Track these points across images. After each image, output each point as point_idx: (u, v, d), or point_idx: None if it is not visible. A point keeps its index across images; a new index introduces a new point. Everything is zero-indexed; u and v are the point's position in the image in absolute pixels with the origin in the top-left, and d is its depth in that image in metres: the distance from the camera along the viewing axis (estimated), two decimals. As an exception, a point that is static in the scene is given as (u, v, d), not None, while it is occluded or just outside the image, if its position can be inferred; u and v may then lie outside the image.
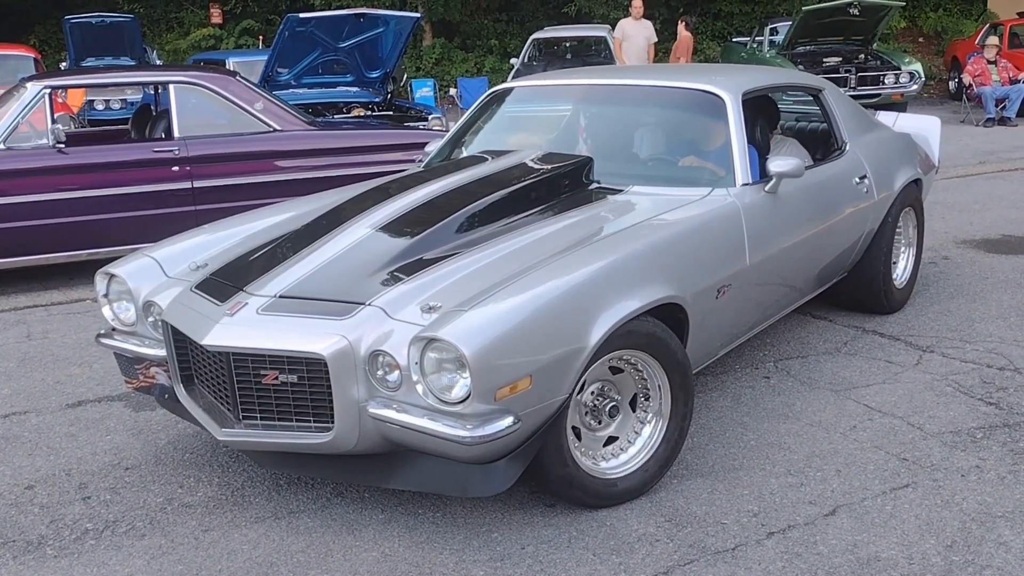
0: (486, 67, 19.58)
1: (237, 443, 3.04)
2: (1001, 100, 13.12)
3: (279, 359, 2.86)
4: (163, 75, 6.72)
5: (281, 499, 3.28)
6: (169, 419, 4.00)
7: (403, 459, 2.95)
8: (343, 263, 3.16)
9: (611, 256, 3.13)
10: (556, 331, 2.81)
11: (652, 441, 3.21)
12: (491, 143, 4.54)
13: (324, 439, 2.87)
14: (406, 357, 2.72)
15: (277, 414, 2.93)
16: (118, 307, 3.57)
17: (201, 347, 3.01)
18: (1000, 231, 6.94)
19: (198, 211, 6.21)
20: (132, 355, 3.51)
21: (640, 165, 4.23)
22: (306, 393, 2.87)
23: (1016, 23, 16.01)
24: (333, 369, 2.77)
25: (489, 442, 2.66)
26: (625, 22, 13.24)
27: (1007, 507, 3.06)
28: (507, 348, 2.67)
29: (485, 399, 2.64)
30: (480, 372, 2.60)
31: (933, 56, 19.30)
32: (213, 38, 20.16)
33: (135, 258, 3.62)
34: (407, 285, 2.98)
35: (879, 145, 4.99)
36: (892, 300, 5.01)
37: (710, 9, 20.75)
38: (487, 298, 2.78)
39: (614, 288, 3.00)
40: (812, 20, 13.84)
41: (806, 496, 3.18)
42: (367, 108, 9.86)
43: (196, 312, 3.11)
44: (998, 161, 10.16)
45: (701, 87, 4.17)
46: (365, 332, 2.81)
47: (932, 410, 3.82)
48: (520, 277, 2.92)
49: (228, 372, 2.92)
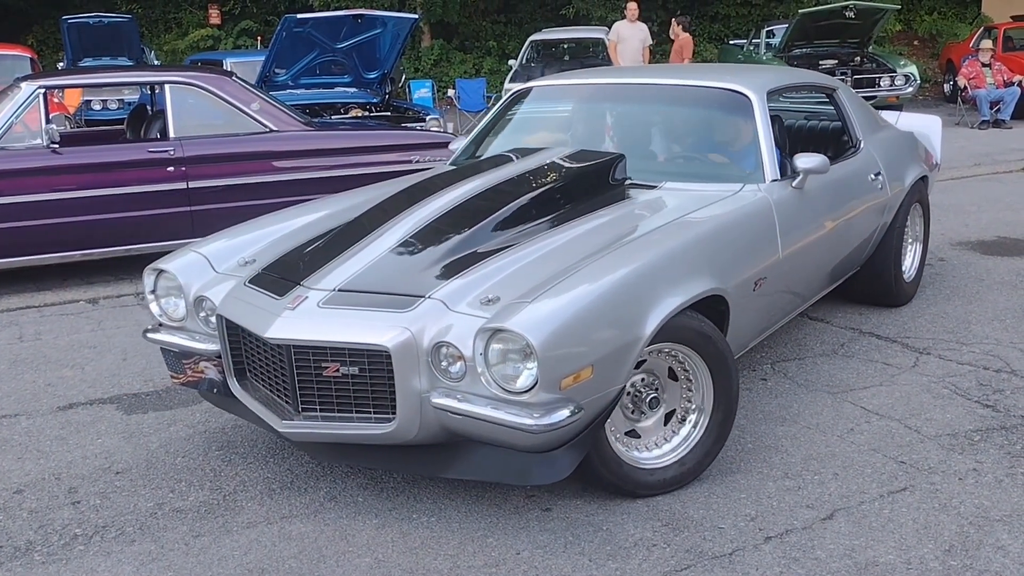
0: (484, 68, 19.56)
1: (297, 435, 3.07)
2: (996, 103, 13.12)
3: (340, 351, 2.90)
4: (158, 75, 6.68)
5: (274, 504, 3.25)
6: (161, 422, 3.97)
7: (460, 449, 2.99)
8: (396, 258, 3.23)
9: (661, 249, 3.21)
10: (615, 322, 2.89)
11: (692, 436, 3.26)
12: (516, 141, 4.63)
13: (386, 430, 2.91)
14: (471, 348, 2.77)
15: (337, 406, 2.98)
16: (166, 303, 3.59)
17: (261, 340, 3.04)
18: (996, 233, 6.93)
19: (193, 212, 6.18)
20: (183, 350, 3.52)
21: (669, 162, 4.34)
22: (367, 385, 2.92)
23: (1010, 26, 16.02)
24: (396, 361, 2.83)
25: (554, 430, 2.72)
26: (620, 24, 13.21)
27: (1005, 510, 3.04)
28: (571, 338, 2.75)
29: (550, 388, 2.70)
30: (546, 362, 2.66)
31: (928, 59, 19.33)
32: (211, 38, 20.11)
33: (183, 254, 3.64)
34: (463, 279, 3.04)
35: (889, 143, 5.12)
36: (902, 293, 5.17)
37: (707, 12, 20.75)
38: (548, 290, 2.85)
39: (665, 280, 3.09)
40: (808, 23, 13.84)
41: (803, 500, 3.16)
42: (365, 109, 9.83)
43: (255, 306, 3.15)
44: (993, 163, 10.16)
45: (727, 86, 4.28)
46: (427, 324, 2.87)
47: (929, 412, 3.80)
48: (576, 270, 2.99)
49: (288, 365, 2.96)
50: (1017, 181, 9.19)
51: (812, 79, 5.11)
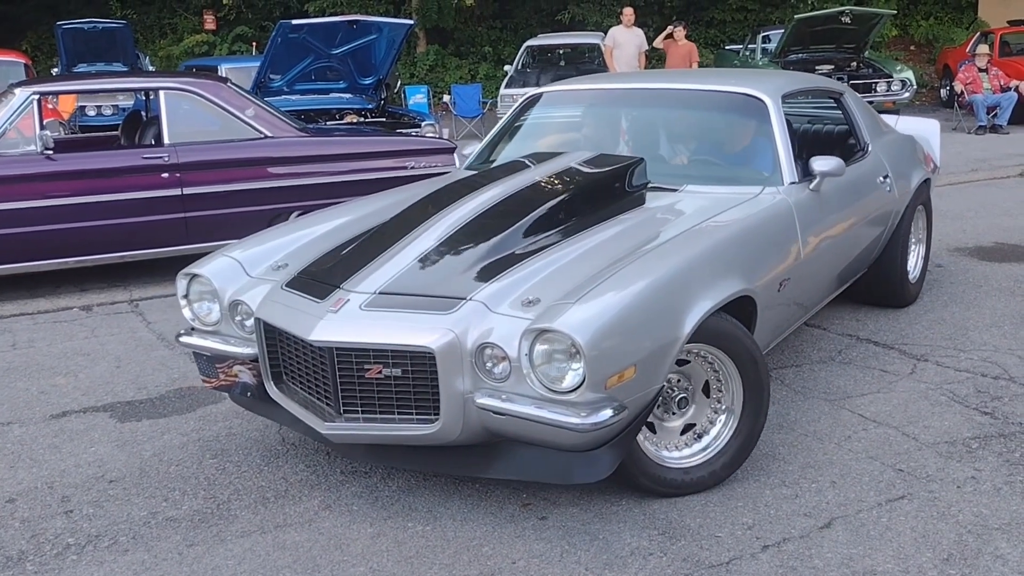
0: (480, 74, 19.56)
1: (340, 437, 3.09)
2: (992, 108, 13.14)
3: (383, 353, 2.93)
4: (152, 81, 6.66)
5: (268, 513, 3.22)
6: (155, 430, 3.94)
7: (500, 449, 3.03)
8: (432, 261, 3.27)
9: (694, 251, 3.27)
10: (655, 322, 2.95)
11: (722, 436, 3.29)
12: (532, 146, 4.66)
13: (429, 430, 2.94)
14: (516, 348, 2.81)
15: (379, 407, 3.01)
16: (199, 307, 3.60)
17: (303, 343, 3.06)
18: (993, 239, 6.92)
19: (188, 218, 6.16)
20: (217, 354, 3.52)
21: (688, 166, 4.39)
22: (409, 386, 2.95)
23: (1006, 31, 16.05)
24: (440, 362, 2.86)
25: (599, 430, 2.76)
26: (616, 30, 13.22)
27: (1003, 519, 3.03)
28: (615, 338, 2.79)
29: (596, 388, 2.75)
30: (593, 361, 2.71)
31: (925, 64, 19.35)
32: (207, 44, 20.10)
33: (215, 259, 3.65)
34: (501, 281, 3.08)
35: (893, 147, 5.20)
36: (907, 294, 5.26)
37: (703, 17, 20.77)
38: (590, 291, 2.89)
39: (699, 281, 3.15)
40: (804, 28, 13.85)
41: (801, 508, 3.14)
42: (360, 115, 9.81)
43: (295, 309, 3.17)
44: (990, 169, 10.16)
45: (742, 90, 4.35)
46: (470, 326, 2.90)
47: (927, 420, 3.78)
48: (614, 271, 3.03)
49: (330, 367, 2.98)
50: (1014, 187, 9.19)
51: (821, 83, 5.19)
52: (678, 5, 20.35)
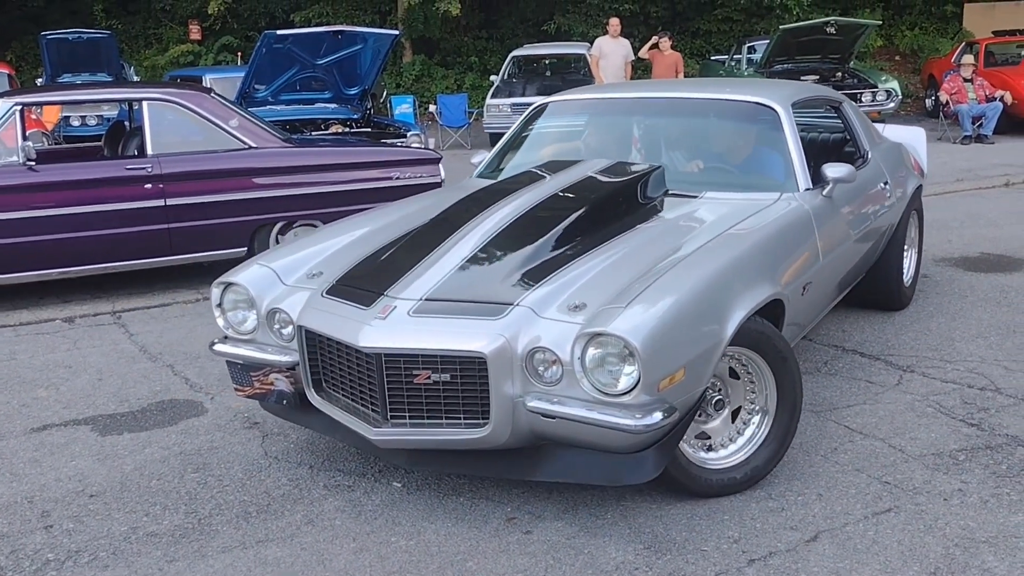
0: (466, 84, 19.57)
1: (388, 442, 3.12)
2: (978, 118, 13.20)
3: (432, 358, 2.97)
4: (136, 92, 6.63)
5: (249, 528, 3.18)
6: (136, 444, 3.90)
7: (546, 452, 3.06)
8: (473, 268, 3.31)
9: (730, 255, 3.34)
10: (702, 325, 3.01)
11: (756, 436, 3.35)
12: (542, 155, 4.75)
13: (479, 435, 2.98)
14: (569, 352, 2.85)
15: (426, 413, 3.03)
16: (233, 316, 3.61)
17: (351, 350, 3.09)
18: (979, 249, 6.95)
19: (171, 229, 6.11)
20: (254, 362, 3.52)
21: (703, 173, 4.45)
22: (458, 391, 2.98)
23: (991, 42, 16.16)
24: (492, 367, 2.90)
25: (652, 431, 2.82)
26: (602, 40, 13.25)
27: (990, 532, 3.01)
28: (668, 341, 2.85)
29: (649, 390, 2.79)
30: (647, 363, 2.76)
31: (910, 74, 19.46)
32: (192, 54, 20.05)
33: (250, 268, 3.66)
34: (545, 287, 3.13)
35: (889, 154, 5.34)
36: (903, 297, 5.42)
37: (688, 28, 20.85)
38: (639, 295, 2.95)
39: (738, 285, 3.22)
40: (789, 38, 13.91)
41: (787, 521, 3.12)
42: (345, 125, 9.79)
43: (341, 316, 3.18)
44: (975, 179, 10.20)
45: (754, 99, 4.47)
46: (519, 331, 2.95)
47: (913, 432, 3.78)
48: (657, 276, 3.09)
49: (378, 373, 3.01)
50: (1000, 197, 9.23)
51: (822, 92, 5.29)
52: (664, 16, 20.43)
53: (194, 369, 4.82)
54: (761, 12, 19.59)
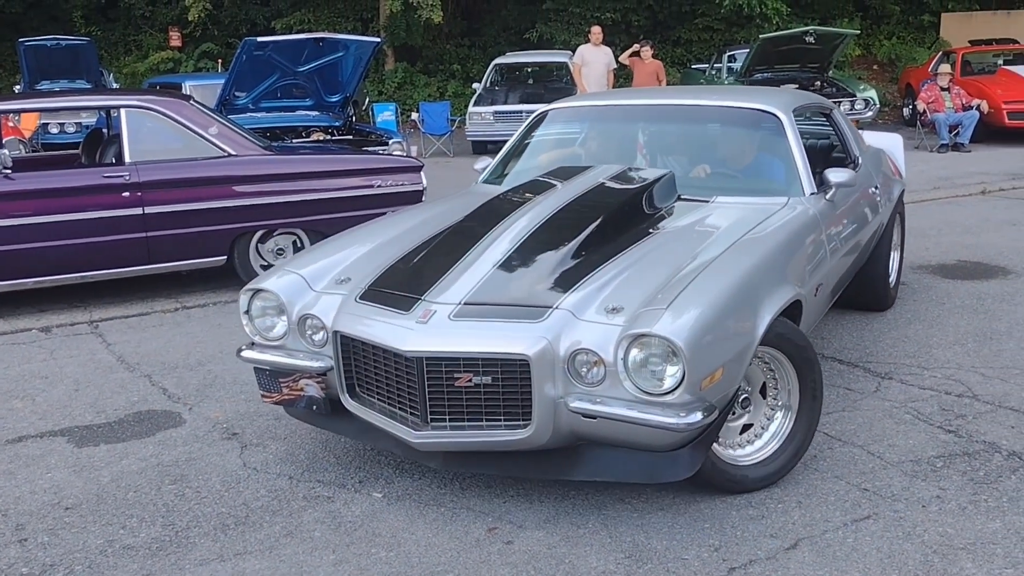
0: (449, 91, 19.58)
1: (430, 445, 3.16)
2: (954, 126, 13.32)
3: (474, 361, 3.01)
4: (113, 99, 6.56)
5: (227, 540, 3.15)
6: (113, 455, 3.86)
7: (583, 452, 3.13)
8: (508, 272, 3.35)
9: (756, 257, 3.42)
10: (736, 325, 3.10)
11: (781, 431, 3.43)
12: (546, 161, 4.82)
13: (521, 436, 3.03)
14: (612, 353, 2.92)
15: (466, 415, 3.08)
16: (261, 322, 3.60)
17: (393, 354, 3.11)
18: (956, 256, 7.00)
19: (149, 238, 6.06)
20: (284, 368, 3.52)
21: (710, 178, 4.53)
22: (499, 393, 3.03)
23: (968, 51, 16.33)
24: (535, 368, 2.96)
25: (694, 429, 2.90)
26: (584, 48, 13.30)
27: (968, 538, 3.03)
28: (708, 341, 2.92)
29: (692, 389, 2.87)
30: (692, 363, 2.83)
31: (887, 83, 19.62)
32: (172, 61, 19.96)
33: (278, 274, 3.66)
34: (581, 290, 3.17)
35: (875, 159, 5.47)
36: (888, 297, 5.58)
37: (669, 36, 20.95)
38: (677, 297, 3.01)
39: (766, 286, 3.32)
40: (769, 48, 14.00)
41: (767, 529, 3.12)
42: (327, 132, 9.76)
43: (380, 321, 3.21)
44: (952, 187, 10.29)
45: (757, 106, 4.59)
46: (561, 333, 3.00)
47: (892, 438, 3.79)
48: (690, 278, 3.15)
49: (419, 377, 3.04)
50: (976, 204, 9.32)
51: (816, 100, 5.40)
52: (645, 24, 20.52)
53: (172, 379, 4.79)
54: (741, 21, 19.71)
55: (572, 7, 20.23)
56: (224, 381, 4.72)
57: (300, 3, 20.67)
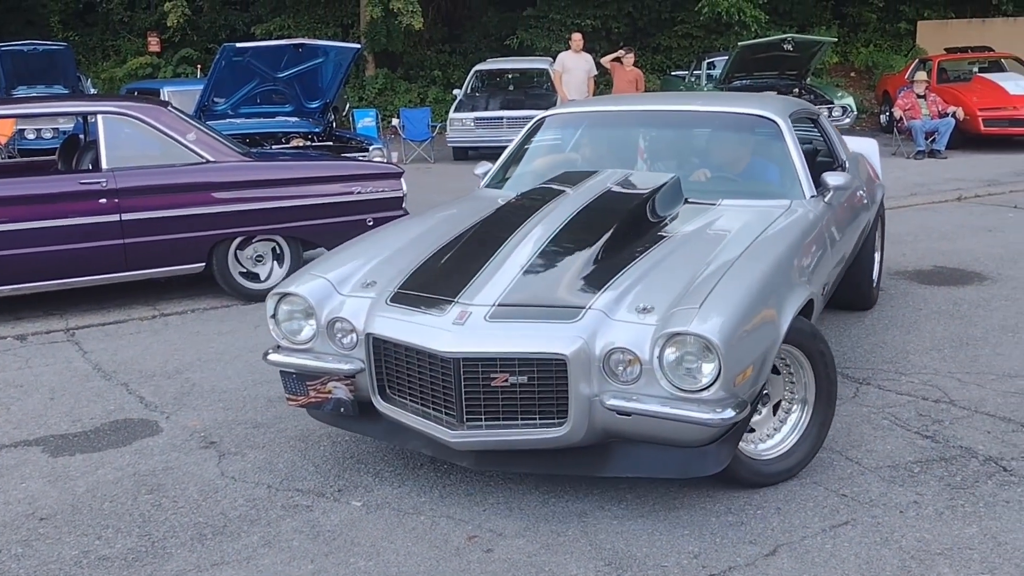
0: (429, 98, 19.57)
1: (466, 444, 3.20)
2: (931, 133, 13.43)
3: (510, 361, 3.07)
4: (90, 105, 6.51)
5: (204, 550, 3.13)
6: (88, 465, 3.82)
7: (614, 449, 3.20)
8: (536, 274, 3.41)
9: (773, 258, 3.50)
10: (763, 324, 3.18)
11: (799, 424, 3.54)
12: (548, 165, 4.86)
13: (558, 433, 3.10)
14: (648, 351, 2.99)
15: (502, 414, 3.13)
16: (288, 326, 3.61)
17: (431, 355, 3.15)
18: (932, 262, 7.06)
19: (127, 245, 6.01)
20: (314, 371, 3.52)
21: (711, 182, 4.59)
22: (534, 392, 3.09)
23: (944, 59, 16.48)
24: (572, 367, 3.02)
25: (728, 424, 2.98)
26: (565, 55, 13.33)
27: (946, 544, 3.05)
28: (740, 339, 3.00)
29: (727, 386, 2.95)
30: (727, 360, 2.91)
31: (865, 90, 19.77)
32: (151, 67, 19.84)
33: (304, 278, 3.66)
34: (610, 291, 3.24)
35: (856, 163, 5.56)
36: (871, 296, 5.76)
37: (649, 43, 21.03)
38: (708, 297, 3.09)
39: (785, 286, 3.44)
40: (748, 55, 14.09)
41: (746, 535, 3.13)
42: (307, 138, 9.73)
43: (415, 324, 3.26)
44: (929, 193, 10.38)
45: (755, 112, 4.72)
46: (595, 332, 3.07)
47: (870, 444, 3.81)
48: (716, 278, 3.23)
49: (455, 377, 3.09)
50: (953, 211, 9.40)
51: (804, 106, 5.46)
52: (625, 31, 20.60)
53: (149, 387, 4.75)
54: (720, 29, 19.82)
55: (552, 14, 20.28)
56: (202, 389, 4.69)
57: (280, 9, 20.63)
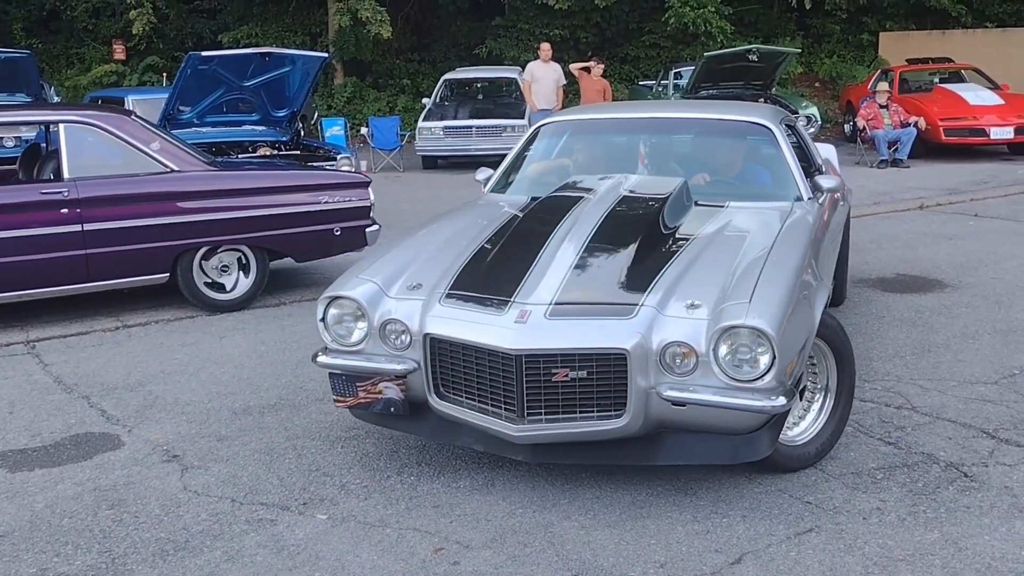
0: (398, 106, 19.52)
1: (529, 438, 3.31)
2: (893, 142, 13.61)
3: (571, 357, 3.21)
4: (52, 114, 6.41)
5: (166, 567, 3.08)
6: (48, 480, 3.75)
7: (664, 438, 3.36)
8: (583, 274, 3.55)
9: (798, 255, 3.65)
10: (804, 316, 3.36)
11: (824, 411, 3.74)
12: (549, 170, 5.01)
13: (617, 424, 3.25)
14: (704, 344, 3.16)
15: (561, 408, 3.26)
16: (338, 329, 3.68)
17: (495, 353, 3.26)
18: (895, 270, 7.15)
19: (89, 255, 5.92)
20: (367, 372, 3.58)
21: (719, 185, 4.75)
22: (593, 386, 3.23)
23: (906, 69, 16.72)
24: (632, 361, 3.18)
25: (779, 411, 3.16)
26: (534, 64, 13.37)
27: (908, 550, 3.08)
28: (789, 330, 3.17)
29: (779, 375, 3.12)
30: (780, 351, 3.08)
31: (829, 100, 20.00)
32: (116, 75, 19.61)
33: (354, 281, 3.71)
34: (658, 289, 3.39)
35: (829, 167, 5.79)
36: (844, 293, 6.04)
37: (617, 53, 21.14)
38: (755, 291, 3.25)
39: (812, 281, 3.60)
40: (714, 65, 14.21)
41: (712, 544, 3.14)
42: (274, 147, 9.66)
43: (475, 323, 3.37)
44: (892, 202, 10.51)
45: (750, 119, 4.95)
46: (651, 327, 3.23)
47: (834, 451, 3.83)
48: (756, 274, 3.40)
49: (517, 373, 3.21)
50: (915, 219, 9.53)
51: (786, 114, 5.62)
52: (593, 41, 20.69)
53: (111, 400, 4.68)
54: (687, 39, 19.97)
55: (521, 24, 20.33)
56: (165, 402, 4.63)
57: (248, 17, 20.50)
